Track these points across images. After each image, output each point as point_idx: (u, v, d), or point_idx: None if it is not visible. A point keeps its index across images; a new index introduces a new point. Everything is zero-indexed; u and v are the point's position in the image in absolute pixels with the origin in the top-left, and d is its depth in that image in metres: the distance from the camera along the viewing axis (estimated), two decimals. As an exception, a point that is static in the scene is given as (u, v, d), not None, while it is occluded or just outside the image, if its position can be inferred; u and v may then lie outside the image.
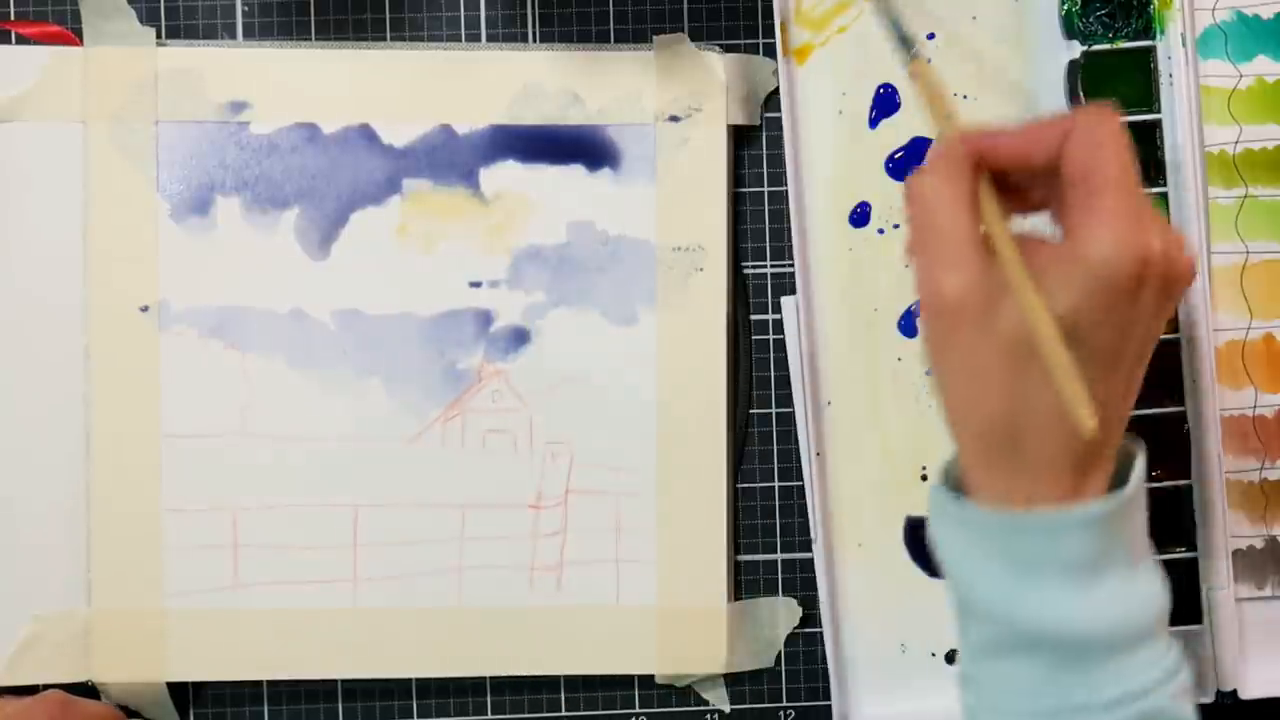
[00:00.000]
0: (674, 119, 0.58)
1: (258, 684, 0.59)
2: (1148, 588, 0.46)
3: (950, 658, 0.60)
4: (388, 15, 0.59)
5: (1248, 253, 0.60)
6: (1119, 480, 0.46)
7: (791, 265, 0.59)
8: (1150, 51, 0.59)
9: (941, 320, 0.45)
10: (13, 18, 0.59)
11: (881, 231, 0.59)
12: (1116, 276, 0.43)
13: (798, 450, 0.60)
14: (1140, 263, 0.43)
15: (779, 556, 0.60)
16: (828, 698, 0.59)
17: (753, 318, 0.60)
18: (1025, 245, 0.44)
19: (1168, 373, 0.59)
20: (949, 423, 0.47)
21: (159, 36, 0.58)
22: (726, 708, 0.60)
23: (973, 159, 0.46)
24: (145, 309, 0.58)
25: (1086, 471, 0.45)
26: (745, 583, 0.60)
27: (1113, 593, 0.44)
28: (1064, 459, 0.44)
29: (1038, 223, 0.47)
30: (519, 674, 0.59)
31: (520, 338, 0.59)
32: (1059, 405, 0.43)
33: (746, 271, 0.60)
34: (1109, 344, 0.44)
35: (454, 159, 0.58)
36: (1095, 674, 0.44)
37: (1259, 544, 0.60)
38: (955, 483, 0.47)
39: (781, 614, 0.60)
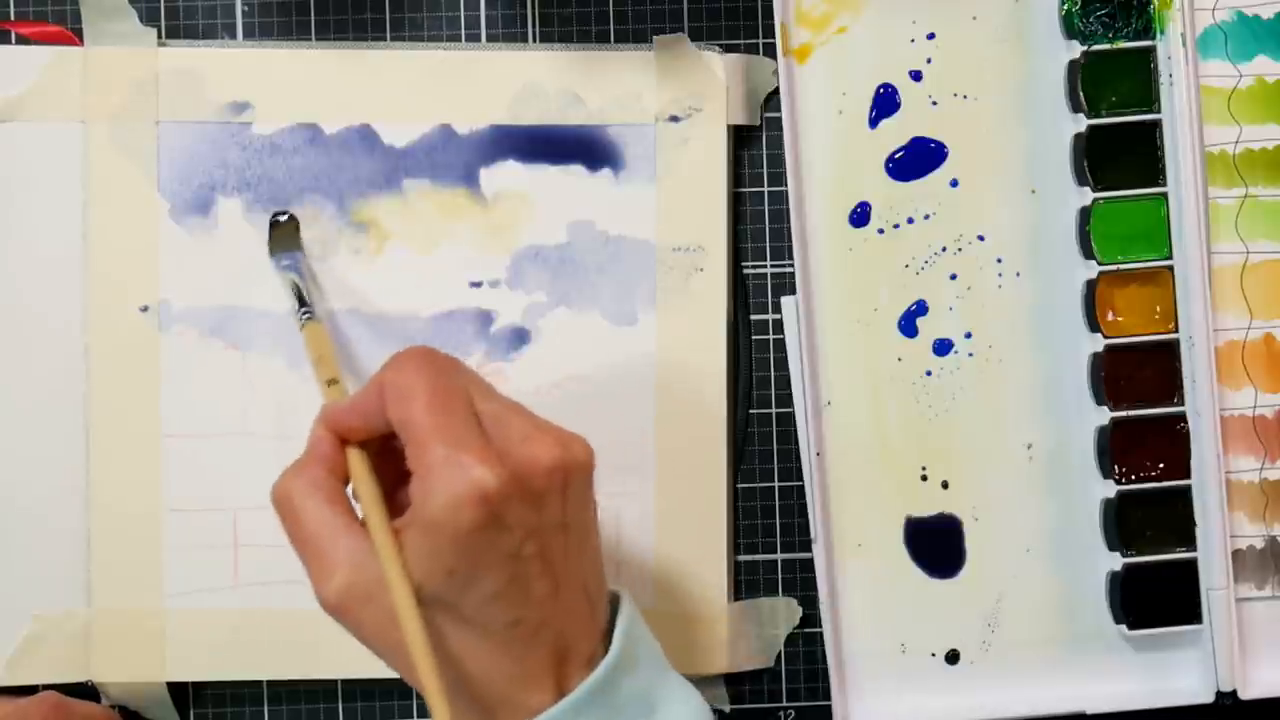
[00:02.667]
0: (674, 119, 0.58)
1: (258, 684, 0.59)
2: None
3: (950, 658, 0.60)
4: (388, 15, 0.59)
5: (1248, 253, 0.60)
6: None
7: (791, 265, 0.59)
8: (1150, 51, 0.59)
9: (337, 617, 0.44)
10: (13, 18, 0.59)
11: (881, 231, 0.59)
12: (459, 529, 0.42)
13: (798, 450, 0.60)
14: (478, 504, 0.42)
15: (779, 556, 0.60)
16: (828, 698, 0.59)
17: (753, 318, 0.60)
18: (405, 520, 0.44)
19: (1168, 373, 0.59)
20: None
21: (159, 36, 0.58)
22: (726, 708, 0.60)
23: (337, 441, 0.45)
24: (145, 309, 0.58)
25: (563, 667, 0.45)
26: (745, 583, 0.60)
27: None
28: (530, 680, 0.44)
29: None
30: (519, 674, 0.59)
31: (520, 338, 0.59)
32: (489, 646, 0.43)
33: (746, 271, 0.60)
34: (502, 580, 0.43)
35: (454, 159, 0.58)
36: None
37: (1259, 544, 0.60)
38: None
39: (781, 614, 0.60)
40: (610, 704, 0.45)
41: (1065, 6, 0.59)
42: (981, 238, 0.60)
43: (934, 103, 0.59)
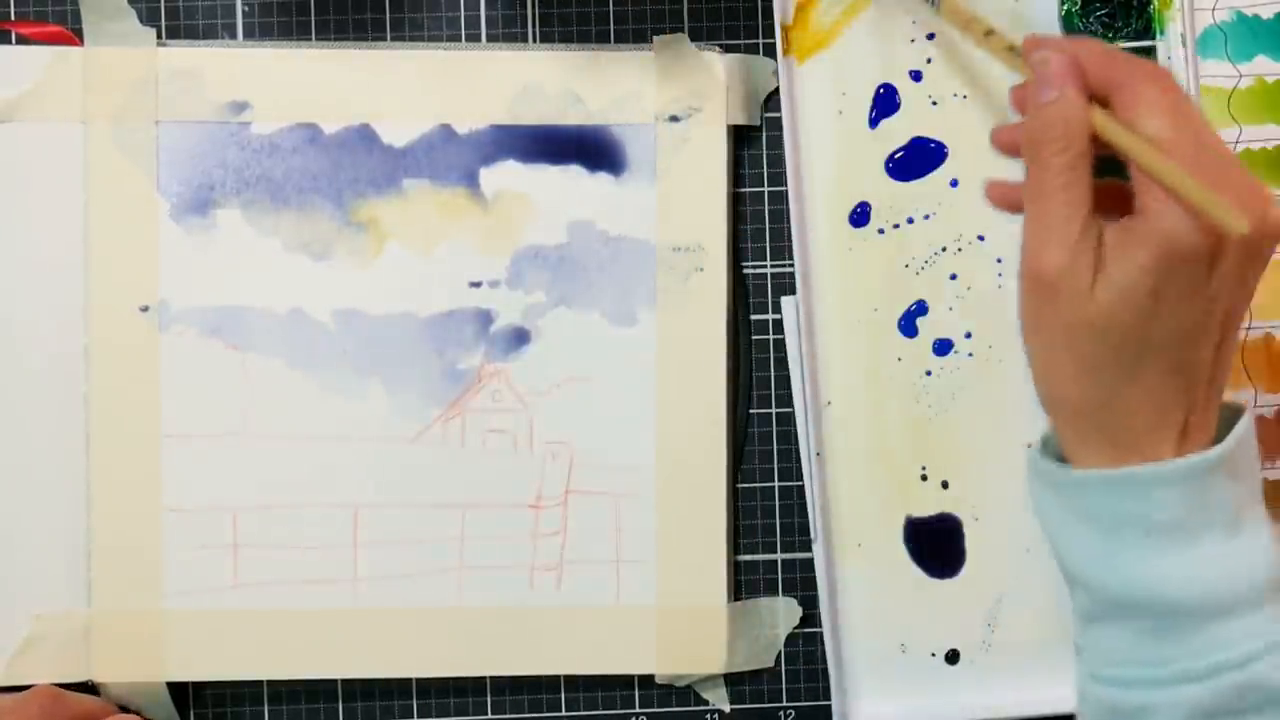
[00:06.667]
0: (674, 119, 0.58)
1: (258, 684, 0.59)
2: (1251, 553, 0.44)
3: (950, 658, 0.60)
4: (388, 15, 0.59)
5: (1248, 253, 0.60)
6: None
7: (791, 265, 0.59)
8: (1150, 51, 0.59)
9: (1038, 293, 0.44)
10: (13, 18, 0.59)
11: (881, 231, 0.59)
12: (1184, 252, 0.42)
13: (798, 450, 0.60)
14: (1215, 239, 0.41)
15: (779, 556, 0.60)
16: (828, 698, 0.59)
17: (753, 318, 0.60)
18: (1107, 223, 0.43)
19: (1168, 373, 0.59)
20: (1041, 397, 0.46)
21: (159, 36, 0.58)
22: (726, 708, 0.60)
23: (1082, 98, 0.44)
24: (145, 309, 0.58)
25: (1183, 439, 0.44)
26: (745, 583, 0.60)
27: (1208, 556, 0.43)
28: (1159, 430, 0.44)
29: None
30: (519, 674, 0.59)
31: (520, 338, 0.59)
32: (1156, 380, 0.43)
33: (746, 271, 0.60)
34: (1189, 320, 0.43)
35: (454, 159, 0.58)
36: (1191, 641, 0.43)
37: (1259, 544, 0.60)
38: (1054, 452, 0.46)
39: (781, 614, 0.60)
40: (1204, 496, 0.43)
41: (1065, 6, 0.59)
42: (981, 238, 0.60)
43: (934, 103, 0.59)
